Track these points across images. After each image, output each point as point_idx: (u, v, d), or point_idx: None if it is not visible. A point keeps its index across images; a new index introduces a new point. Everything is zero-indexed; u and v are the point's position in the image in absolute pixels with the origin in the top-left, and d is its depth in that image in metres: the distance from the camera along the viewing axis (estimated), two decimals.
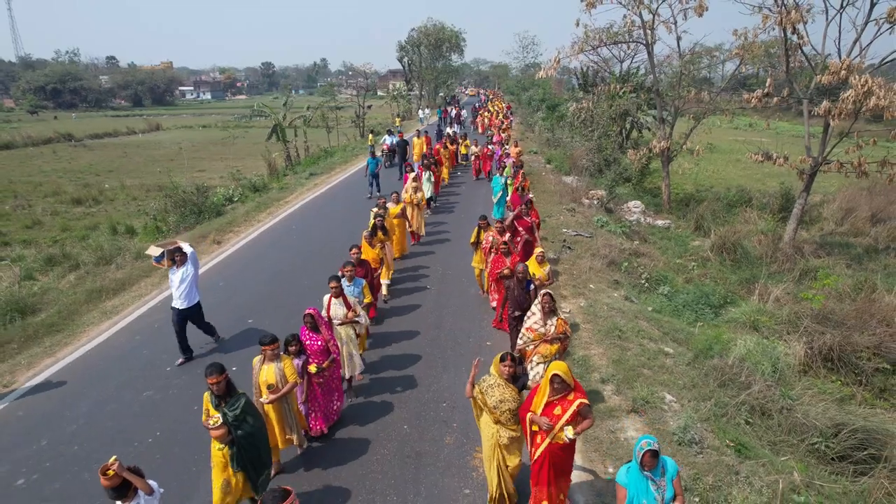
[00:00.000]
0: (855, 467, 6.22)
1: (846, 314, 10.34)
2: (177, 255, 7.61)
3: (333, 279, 6.59)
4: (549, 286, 7.94)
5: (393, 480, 5.47)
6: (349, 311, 6.60)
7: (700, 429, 6.17)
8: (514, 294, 7.19)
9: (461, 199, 17.87)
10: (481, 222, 9.71)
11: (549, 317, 6.14)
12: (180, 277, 7.56)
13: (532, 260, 8.30)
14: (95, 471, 5.52)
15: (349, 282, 7.12)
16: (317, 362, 5.84)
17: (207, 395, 4.78)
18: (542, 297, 6.10)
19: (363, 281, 7.34)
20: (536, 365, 6.16)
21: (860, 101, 12.56)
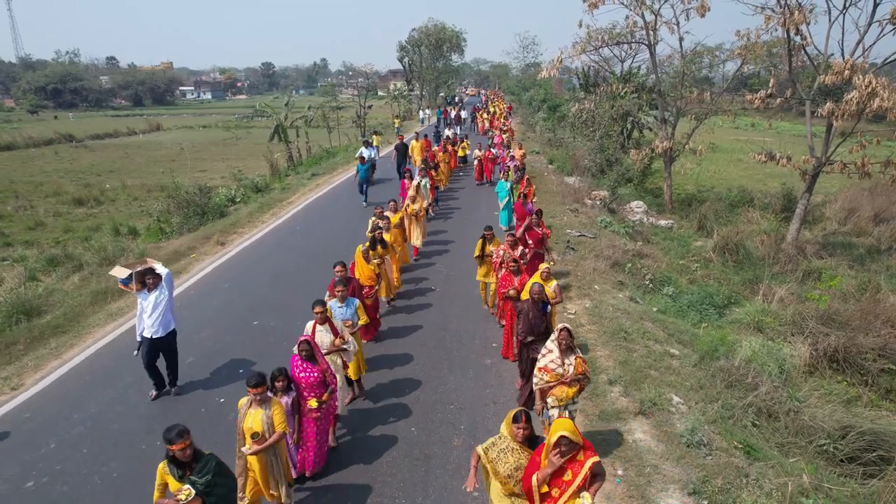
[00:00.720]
0: (864, 469, 6.22)
1: (851, 315, 10.35)
2: (148, 277, 6.68)
3: (317, 304, 5.93)
4: (556, 304, 7.36)
5: (402, 483, 5.47)
6: (336, 339, 5.96)
7: (708, 431, 6.17)
8: (527, 317, 6.50)
9: (462, 205, 17.53)
10: (486, 233, 8.98)
11: (566, 355, 5.42)
12: (153, 303, 6.64)
13: (536, 276, 7.46)
14: (104, 473, 5.57)
15: (341, 302, 6.54)
16: (314, 396, 5.29)
17: (163, 467, 4.08)
18: (560, 333, 5.40)
19: (356, 301, 6.72)
20: (551, 409, 5.50)
21: (864, 101, 12.56)
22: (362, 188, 16.42)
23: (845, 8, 14.03)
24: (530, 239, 9.29)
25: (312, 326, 6.01)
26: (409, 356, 7.96)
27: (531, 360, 6.32)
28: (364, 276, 7.98)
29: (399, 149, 19.57)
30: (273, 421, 4.65)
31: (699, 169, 26.80)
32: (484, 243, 8.93)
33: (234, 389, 7.03)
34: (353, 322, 6.47)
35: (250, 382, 4.62)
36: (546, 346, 5.55)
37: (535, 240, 9.30)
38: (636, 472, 5.59)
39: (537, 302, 6.53)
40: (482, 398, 6.90)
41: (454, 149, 21.89)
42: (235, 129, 36.94)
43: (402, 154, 19.44)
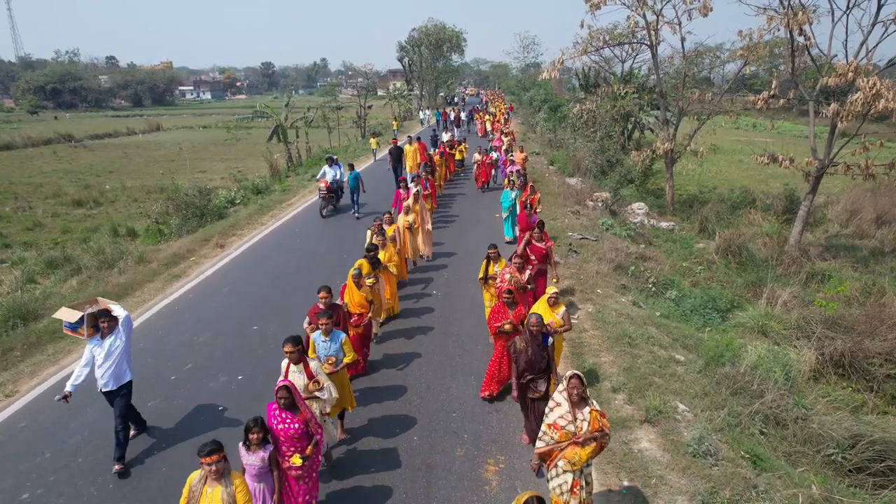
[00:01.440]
0: (874, 480, 6.13)
1: (856, 319, 10.26)
2: (102, 320, 5.66)
3: (289, 342, 5.00)
4: (565, 331, 6.67)
5: (404, 494, 5.37)
6: (310, 382, 5.06)
7: (714, 440, 6.07)
8: (525, 353, 5.63)
9: (463, 208, 17.01)
10: (490, 253, 8.04)
11: (579, 408, 4.54)
12: (107, 350, 5.64)
13: (542, 301, 6.69)
14: (101, 484, 5.47)
15: (325, 336, 5.71)
16: (295, 450, 4.53)
17: None
18: (570, 382, 4.53)
19: (343, 334, 5.88)
20: (563, 473, 4.58)
21: (869, 103, 12.47)
22: (353, 198, 15.41)
23: (849, 9, 13.96)
24: (533, 255, 8.61)
25: (286, 367, 5.17)
26: (410, 362, 7.86)
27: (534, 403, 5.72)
28: (354, 302, 7.08)
29: (393, 153, 18.62)
30: (236, 501, 3.86)
31: (700, 170, 26.75)
32: (488, 264, 8.00)
33: (232, 397, 6.93)
34: (336, 359, 5.68)
35: (202, 451, 3.80)
36: (553, 399, 4.71)
37: (538, 256, 8.61)
38: (642, 482, 5.49)
39: (536, 335, 5.68)
40: (485, 406, 6.80)
41: (451, 152, 21.12)
42: (235, 130, 36.79)
43: (396, 158, 18.52)
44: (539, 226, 9.09)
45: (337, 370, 5.66)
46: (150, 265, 11.93)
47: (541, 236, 8.77)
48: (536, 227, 9.06)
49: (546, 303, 6.59)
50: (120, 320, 5.78)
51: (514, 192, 12.82)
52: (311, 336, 5.85)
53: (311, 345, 5.79)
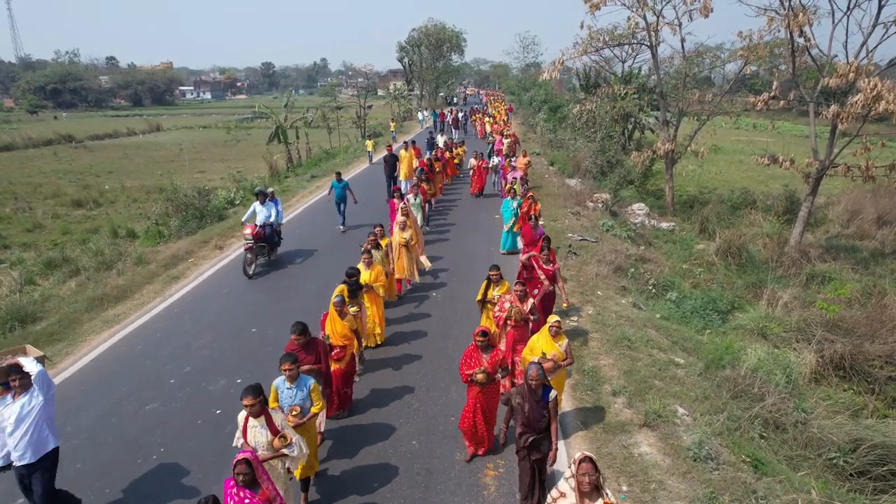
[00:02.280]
0: (874, 484, 6.10)
1: (857, 321, 10.24)
2: (13, 377, 4.59)
3: (249, 394, 4.33)
4: (565, 367, 6.01)
5: (402, 500, 5.35)
6: (276, 438, 4.42)
7: (714, 444, 6.05)
8: (522, 412, 4.84)
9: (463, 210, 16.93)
10: (492, 275, 7.30)
11: (590, 499, 3.73)
12: (17, 413, 4.56)
13: (543, 332, 5.98)
14: (98, 489, 5.44)
15: (291, 383, 4.99)
16: None
17: None
18: (580, 466, 3.69)
19: (311, 380, 5.13)
20: None
21: (869, 104, 12.45)
22: (339, 209, 14.25)
23: (849, 9, 13.93)
24: (543, 274, 7.96)
25: (244, 420, 4.47)
26: (409, 366, 7.84)
27: (534, 465, 4.97)
28: (336, 333, 6.36)
29: (388, 160, 17.62)
30: None
31: (701, 170, 26.69)
32: (488, 286, 7.34)
33: (231, 400, 6.90)
34: (302, 409, 4.95)
35: None
36: (557, 488, 3.92)
37: (547, 274, 7.99)
38: (641, 487, 5.47)
39: (536, 389, 4.78)
40: None
41: (450, 155, 20.29)
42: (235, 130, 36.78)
43: (391, 166, 17.53)
44: (545, 240, 8.59)
45: (303, 421, 4.92)
46: (149, 266, 11.91)
47: (549, 256, 8.09)
48: (543, 240, 8.59)
49: (547, 333, 5.91)
50: (33, 377, 4.62)
51: (515, 200, 12.30)
52: (274, 383, 5.11)
53: (273, 392, 5.04)
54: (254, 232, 11.13)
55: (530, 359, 5.66)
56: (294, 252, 12.80)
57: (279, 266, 11.84)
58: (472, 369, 5.58)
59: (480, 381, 5.53)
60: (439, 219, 15.90)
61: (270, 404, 4.85)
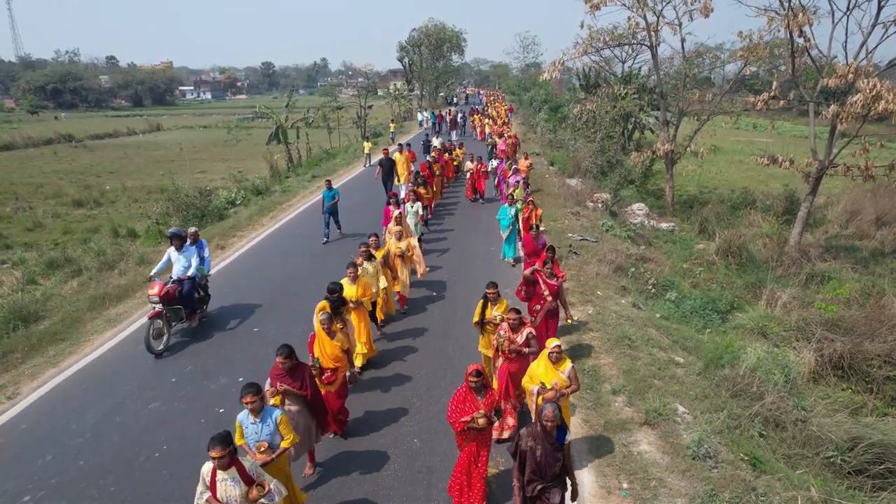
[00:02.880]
0: (873, 482, 6.14)
1: (856, 321, 10.27)
2: None
3: (217, 446, 3.90)
4: (571, 392, 5.45)
5: (404, 497, 5.39)
6: (252, 489, 4.01)
7: (714, 442, 6.08)
8: (534, 456, 4.32)
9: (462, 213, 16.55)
10: (489, 293, 6.64)
11: None
12: None
13: (543, 358, 5.49)
14: (102, 487, 5.48)
15: (255, 417, 4.51)
16: None
17: None
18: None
19: (278, 412, 4.61)
20: None
21: (869, 104, 12.48)
22: (331, 220, 13.41)
23: (849, 10, 13.97)
24: (547, 289, 7.40)
25: (211, 473, 4.05)
26: (410, 365, 7.87)
27: None
28: (326, 355, 5.85)
29: (384, 164, 16.84)
30: None
31: (700, 170, 26.73)
32: (485, 306, 6.68)
33: (233, 399, 6.93)
34: (270, 444, 4.50)
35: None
36: None
37: (551, 290, 7.40)
38: (641, 485, 5.51)
39: (551, 431, 4.26)
40: None
41: (449, 157, 19.50)
42: (235, 130, 36.81)
43: (387, 171, 16.81)
44: (549, 250, 8.10)
45: (272, 458, 4.50)
46: (150, 266, 11.92)
47: (553, 269, 7.47)
48: (546, 251, 8.13)
49: (547, 359, 5.40)
50: None
51: (513, 207, 11.72)
52: (238, 418, 4.64)
53: (237, 429, 4.57)
54: (162, 292, 8.19)
55: (531, 387, 5.34)
56: (293, 254, 12.80)
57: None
58: (467, 415, 4.80)
59: (481, 427, 4.81)
60: (439, 222, 15.76)
61: (237, 440, 4.45)
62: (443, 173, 17.82)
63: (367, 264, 8.10)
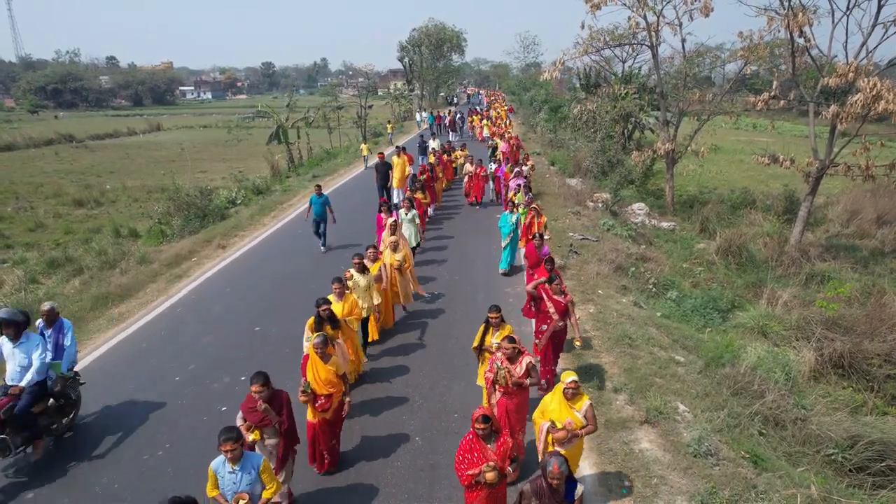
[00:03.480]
0: (873, 480, 6.17)
1: (856, 320, 10.30)
2: None
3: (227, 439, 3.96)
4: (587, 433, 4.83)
5: (406, 494, 5.42)
6: None
7: (714, 440, 6.11)
8: None
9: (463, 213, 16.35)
10: (491, 318, 5.89)
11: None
12: None
13: (556, 393, 4.90)
14: (106, 484, 5.51)
15: (234, 465, 4.12)
16: None
17: None
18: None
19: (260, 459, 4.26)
20: None
21: (869, 104, 12.51)
22: (319, 229, 12.46)
23: (849, 10, 13.99)
24: (553, 307, 6.70)
25: None
26: (412, 364, 7.90)
27: None
28: (320, 380, 5.33)
29: (380, 169, 15.98)
30: None
31: (701, 170, 26.75)
32: (486, 331, 6.00)
33: (235, 397, 6.96)
34: (251, 496, 4.08)
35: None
36: None
37: (558, 309, 6.71)
38: (643, 482, 5.54)
39: (558, 488, 3.73)
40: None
41: (448, 159, 18.83)
42: (236, 130, 36.86)
43: (383, 175, 15.96)
44: (548, 263, 7.43)
45: None
46: (152, 266, 11.99)
47: (560, 286, 6.77)
48: (545, 262, 7.51)
49: (562, 395, 4.81)
50: None
51: (514, 215, 11.01)
52: (211, 466, 4.19)
53: (211, 478, 4.15)
54: None
55: (541, 423, 4.87)
56: (293, 253, 12.82)
57: (280, 266, 10.30)
58: (476, 467, 4.17)
59: (491, 482, 4.11)
60: (441, 219, 15.76)
61: (209, 492, 4.18)
62: (444, 176, 17.43)
63: (358, 276, 7.48)
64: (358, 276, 7.58)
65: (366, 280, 7.63)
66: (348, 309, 6.81)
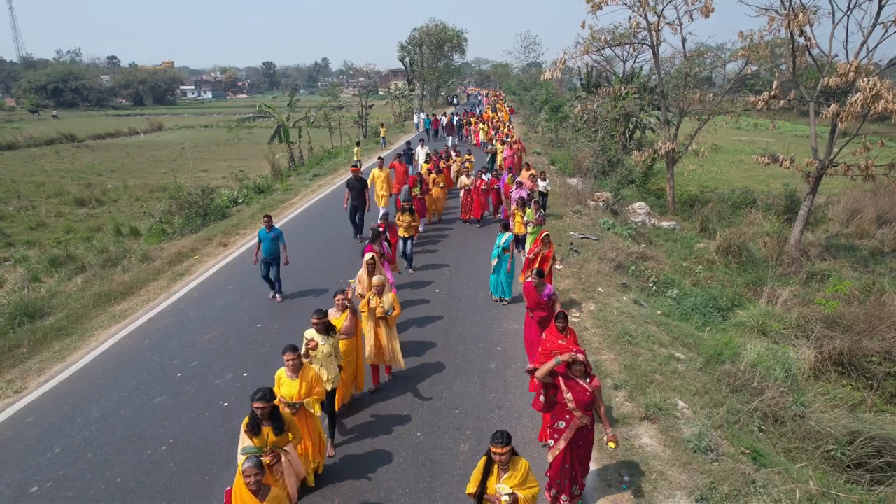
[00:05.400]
0: (871, 475, 6.20)
1: (856, 318, 10.33)
2: None
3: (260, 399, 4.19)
4: None
5: (408, 489, 5.45)
6: None
7: (714, 436, 6.15)
8: None
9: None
10: (496, 454, 3.87)
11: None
12: None
13: None
14: (109, 479, 5.55)
15: None
16: None
17: None
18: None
19: None
20: None
21: (869, 104, 12.54)
22: (269, 272, 9.62)
23: (849, 10, 14.02)
24: (573, 398, 4.68)
25: None
26: (413, 360, 7.92)
27: None
28: None
29: (353, 187, 12.60)
30: None
31: (701, 170, 26.81)
32: (487, 470, 4.01)
33: (237, 393, 7.01)
34: None
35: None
36: None
37: (579, 403, 4.68)
38: (642, 477, 5.57)
39: None
40: (487, 403, 6.88)
41: (446, 164, 17.01)
42: (237, 129, 36.97)
43: (357, 194, 12.67)
44: (560, 319, 5.67)
45: None
46: (154, 264, 12.02)
47: (585, 367, 4.68)
48: (556, 319, 5.75)
49: None
50: None
51: (505, 234, 9.47)
52: None
53: None
54: None
55: None
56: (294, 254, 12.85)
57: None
58: None
59: None
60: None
61: None
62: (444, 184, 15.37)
63: (320, 340, 5.64)
64: (320, 340, 5.65)
65: (330, 346, 5.71)
66: (306, 389, 5.06)
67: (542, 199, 14.38)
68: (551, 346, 5.53)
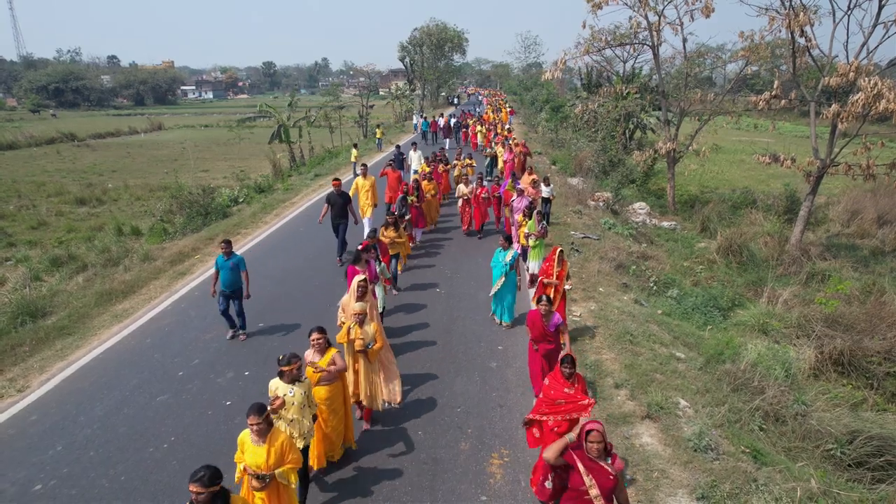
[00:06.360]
0: (872, 474, 6.22)
1: (856, 318, 10.35)
2: None
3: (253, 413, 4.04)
4: None
5: (409, 487, 5.46)
6: None
7: (715, 435, 6.16)
8: None
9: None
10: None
11: None
12: None
13: None
14: (112, 476, 5.57)
15: None
16: None
17: None
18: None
19: None
20: None
21: (870, 103, 12.55)
22: (229, 307, 8.30)
23: (850, 9, 14.04)
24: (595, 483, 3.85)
25: None
26: (414, 359, 7.94)
27: None
28: None
29: (333, 202, 11.29)
30: None
31: (702, 170, 26.81)
32: None
33: (239, 392, 7.03)
34: None
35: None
36: None
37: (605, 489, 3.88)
38: (644, 476, 5.58)
39: None
40: (488, 401, 6.89)
41: (444, 168, 16.24)
42: (237, 129, 37.03)
43: (338, 211, 11.37)
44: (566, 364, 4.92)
45: None
46: (155, 263, 12.04)
47: (606, 447, 3.89)
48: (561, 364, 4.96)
49: None
50: None
51: (510, 251, 8.46)
52: None
53: None
54: None
55: None
56: (295, 251, 12.84)
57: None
58: None
59: None
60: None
61: None
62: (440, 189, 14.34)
63: (287, 390, 4.81)
64: (288, 391, 4.81)
65: (302, 394, 4.84)
66: (277, 457, 4.15)
67: (545, 205, 13.77)
68: (556, 395, 4.79)
